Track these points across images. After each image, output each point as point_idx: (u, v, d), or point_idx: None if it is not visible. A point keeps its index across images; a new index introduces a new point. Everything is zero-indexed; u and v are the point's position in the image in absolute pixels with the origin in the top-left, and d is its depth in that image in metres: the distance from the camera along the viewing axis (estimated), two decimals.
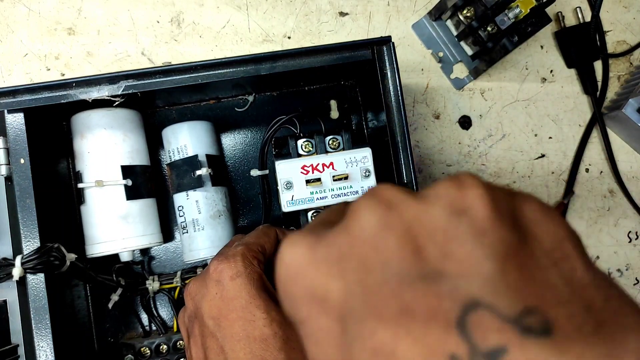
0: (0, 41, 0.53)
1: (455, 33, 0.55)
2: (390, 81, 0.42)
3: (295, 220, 0.44)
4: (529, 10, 0.50)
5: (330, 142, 0.43)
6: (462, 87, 0.57)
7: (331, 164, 0.42)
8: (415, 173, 0.42)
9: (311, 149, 0.43)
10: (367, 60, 0.42)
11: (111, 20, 0.54)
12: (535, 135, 0.58)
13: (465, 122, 0.57)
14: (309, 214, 0.43)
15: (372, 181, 0.42)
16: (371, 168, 0.42)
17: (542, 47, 0.59)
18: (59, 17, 0.54)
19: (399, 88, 0.42)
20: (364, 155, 0.42)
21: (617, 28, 0.60)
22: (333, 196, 0.42)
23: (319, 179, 0.42)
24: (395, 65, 0.42)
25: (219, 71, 0.41)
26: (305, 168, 0.42)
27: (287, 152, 0.43)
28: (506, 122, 0.58)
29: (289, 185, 0.41)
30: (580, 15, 0.58)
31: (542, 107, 0.58)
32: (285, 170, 0.42)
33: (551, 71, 0.59)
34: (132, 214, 0.45)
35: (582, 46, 0.57)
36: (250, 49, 0.55)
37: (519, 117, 0.58)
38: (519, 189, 0.57)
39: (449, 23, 0.56)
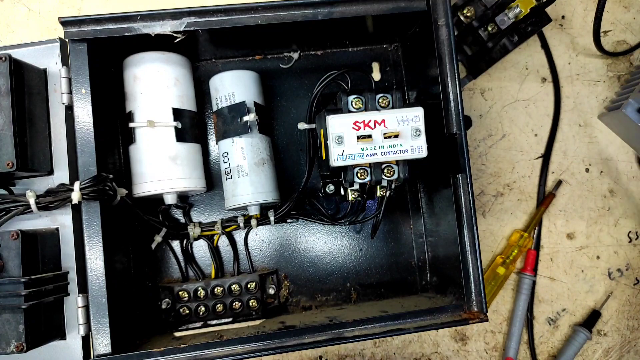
0: (0, 41, 0.53)
1: (455, 33, 0.55)
2: (444, 33, 0.43)
3: (339, 174, 0.44)
4: (529, 10, 0.50)
5: (380, 100, 0.43)
6: (462, 87, 0.57)
7: (383, 121, 0.42)
8: (464, 123, 0.43)
9: (361, 105, 0.43)
10: (420, 13, 0.44)
11: None
12: (535, 135, 0.58)
13: (465, 122, 0.57)
14: (355, 170, 0.43)
15: (422, 140, 0.42)
16: (422, 127, 0.42)
17: (542, 47, 0.59)
18: (59, 16, 0.54)
19: (452, 39, 0.43)
20: (416, 115, 0.42)
21: (617, 28, 0.60)
22: (383, 153, 0.42)
23: (369, 136, 0.41)
24: (449, 16, 0.43)
25: (279, 13, 0.42)
26: (357, 124, 0.42)
27: (336, 108, 0.43)
28: (506, 122, 0.58)
29: (340, 140, 0.41)
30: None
31: (542, 107, 0.58)
32: (338, 125, 0.41)
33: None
34: (181, 155, 0.46)
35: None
36: None
37: (519, 117, 0.58)
38: (519, 188, 0.57)
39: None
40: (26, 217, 0.41)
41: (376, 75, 0.55)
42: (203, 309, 0.49)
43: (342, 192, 0.49)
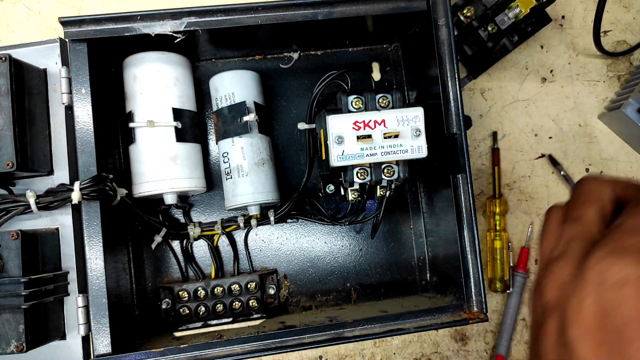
0: (0, 41, 0.53)
1: (455, 33, 0.55)
2: (444, 33, 0.44)
3: (339, 174, 0.45)
4: (529, 10, 0.50)
5: (380, 100, 0.43)
6: (462, 87, 0.57)
7: (383, 121, 0.42)
8: (464, 123, 0.43)
9: (361, 105, 0.43)
10: (420, 13, 0.44)
11: None
12: (535, 135, 0.58)
13: (465, 122, 0.57)
14: (355, 170, 0.43)
15: (422, 140, 0.42)
16: (422, 127, 0.42)
17: (542, 47, 0.59)
18: (59, 16, 0.54)
19: (452, 39, 0.43)
20: (416, 115, 0.42)
21: (617, 28, 0.60)
22: (383, 153, 0.42)
23: (369, 136, 0.42)
24: (449, 16, 0.43)
25: (279, 13, 0.42)
26: (357, 124, 0.42)
27: (336, 108, 0.43)
28: (506, 122, 0.58)
29: (340, 140, 0.41)
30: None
31: (542, 107, 0.58)
32: (337, 125, 0.41)
33: (551, 71, 0.59)
34: (181, 155, 0.46)
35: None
36: None
37: (519, 117, 0.58)
38: (519, 188, 0.57)
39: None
40: (26, 217, 0.41)
41: (376, 75, 0.55)
42: (203, 309, 0.49)
43: (342, 192, 0.49)
